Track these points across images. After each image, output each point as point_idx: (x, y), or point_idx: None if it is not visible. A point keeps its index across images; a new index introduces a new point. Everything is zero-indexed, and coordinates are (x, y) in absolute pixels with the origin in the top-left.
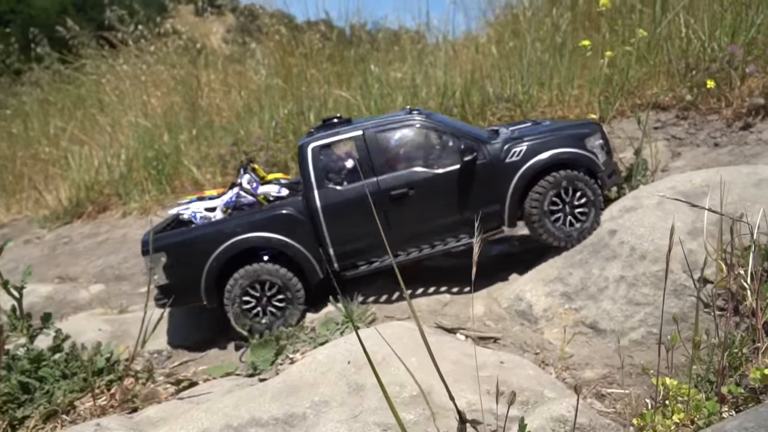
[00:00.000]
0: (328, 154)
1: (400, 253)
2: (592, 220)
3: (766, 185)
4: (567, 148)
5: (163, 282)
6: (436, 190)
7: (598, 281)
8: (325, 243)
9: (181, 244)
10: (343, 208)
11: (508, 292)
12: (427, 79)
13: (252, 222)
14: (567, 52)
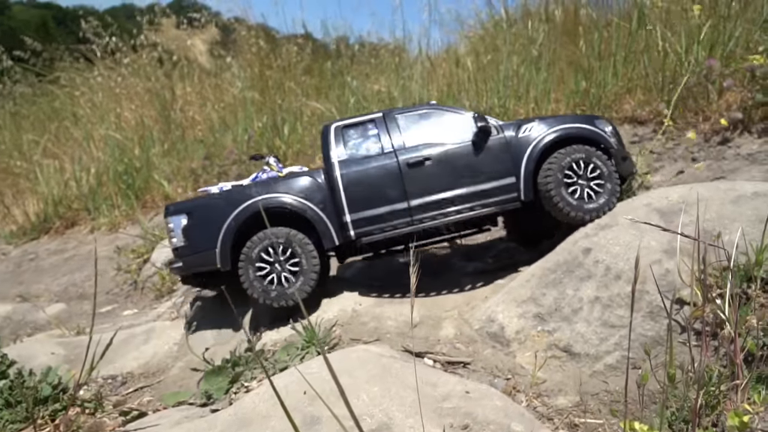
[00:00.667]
0: (348, 132)
1: (416, 221)
2: (609, 195)
3: (744, 202)
4: (577, 124)
5: (181, 244)
6: (452, 161)
7: (572, 302)
8: (342, 210)
9: (203, 205)
10: (360, 176)
11: (480, 313)
12: (405, 92)
13: (272, 185)
14: (543, 65)
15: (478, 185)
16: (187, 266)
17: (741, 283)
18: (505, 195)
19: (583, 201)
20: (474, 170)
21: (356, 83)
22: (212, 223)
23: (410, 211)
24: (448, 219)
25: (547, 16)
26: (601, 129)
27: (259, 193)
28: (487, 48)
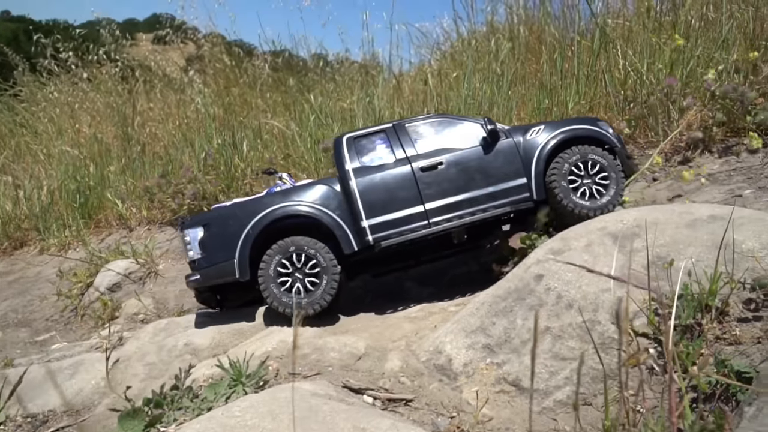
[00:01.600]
0: (360, 143)
1: (432, 224)
2: (615, 190)
3: (700, 226)
4: (582, 125)
5: (198, 256)
6: (464, 164)
7: (521, 332)
8: (359, 216)
9: (219, 216)
10: (375, 182)
11: (428, 344)
12: (368, 109)
13: (289, 193)
14: (505, 83)
15: (491, 186)
16: (205, 278)
17: (694, 313)
18: (517, 195)
19: (593, 199)
20: (486, 172)
21: (320, 100)
22: (230, 233)
23: (426, 214)
24: (464, 220)
25: (511, 33)
26: (605, 130)
27: (275, 202)
28: (454, 65)
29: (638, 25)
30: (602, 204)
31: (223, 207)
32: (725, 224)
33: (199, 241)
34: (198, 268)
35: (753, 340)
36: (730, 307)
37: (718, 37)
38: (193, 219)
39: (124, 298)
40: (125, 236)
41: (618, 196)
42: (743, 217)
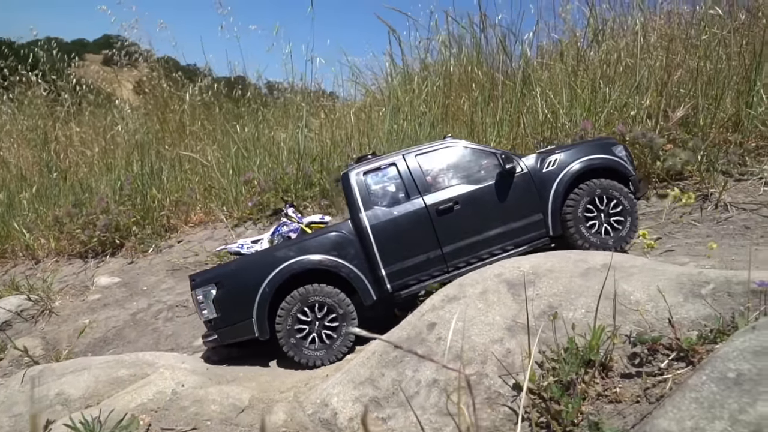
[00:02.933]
0: (370, 179)
1: (451, 268)
2: (628, 229)
3: (593, 275)
4: (598, 155)
5: (213, 316)
6: (481, 203)
7: (409, 385)
8: (376, 264)
9: (232, 273)
10: (391, 227)
11: (315, 395)
12: (294, 140)
13: (303, 245)
14: (427, 121)
15: (507, 224)
16: (223, 338)
17: (577, 368)
18: (534, 232)
19: (608, 235)
20: (503, 210)
21: (247, 130)
22: (245, 291)
23: (444, 258)
24: (483, 262)
25: (444, 72)
26: (619, 156)
27: (289, 255)
28: (381, 102)
29: (561, 70)
30: (617, 239)
31: (234, 263)
32: (617, 273)
33: (213, 300)
34: (215, 329)
35: (633, 398)
36: (614, 361)
37: (633, 83)
38: (204, 276)
39: (15, 337)
40: (31, 268)
41: (633, 230)
42: (635, 266)
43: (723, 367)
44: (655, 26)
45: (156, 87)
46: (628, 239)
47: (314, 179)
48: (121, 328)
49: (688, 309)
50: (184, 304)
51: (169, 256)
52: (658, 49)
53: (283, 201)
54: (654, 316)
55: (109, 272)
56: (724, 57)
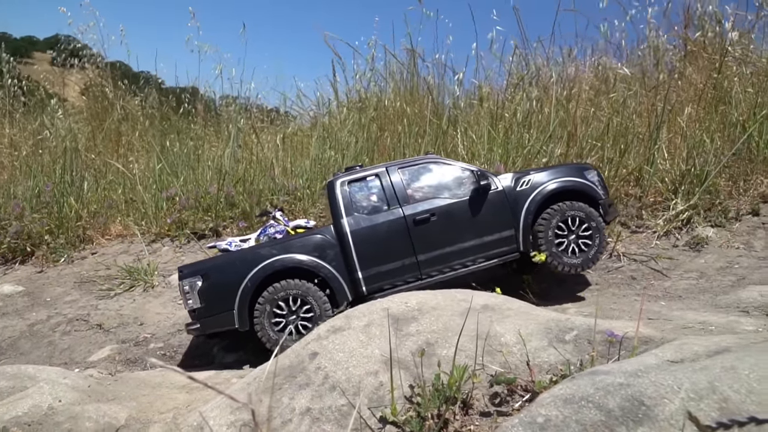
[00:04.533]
0: (354, 188)
1: (424, 275)
2: (596, 250)
3: (471, 315)
4: (570, 178)
5: (197, 306)
6: (456, 216)
7: (284, 412)
8: (353, 267)
9: (218, 267)
10: (370, 233)
11: (193, 418)
12: (219, 161)
13: (286, 245)
14: (352, 152)
15: (480, 238)
16: (205, 328)
17: (440, 404)
18: (505, 247)
19: (574, 256)
20: (476, 224)
21: (179, 145)
22: (228, 284)
23: (419, 265)
24: (455, 273)
25: (378, 104)
26: (591, 181)
27: (273, 253)
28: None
29: (485, 112)
30: (584, 260)
31: (221, 257)
32: (493, 315)
33: (198, 291)
34: (198, 318)
35: None
36: (475, 399)
37: (547, 132)
38: (192, 268)
39: None
40: None
41: (600, 250)
42: (511, 309)
43: (535, 412)
44: (582, 78)
45: (98, 92)
46: (595, 260)
47: (236, 200)
48: (16, 339)
49: (550, 353)
50: (84, 318)
51: (80, 268)
52: (572, 101)
53: (272, 206)
54: (518, 358)
55: (15, 280)
56: (633, 114)
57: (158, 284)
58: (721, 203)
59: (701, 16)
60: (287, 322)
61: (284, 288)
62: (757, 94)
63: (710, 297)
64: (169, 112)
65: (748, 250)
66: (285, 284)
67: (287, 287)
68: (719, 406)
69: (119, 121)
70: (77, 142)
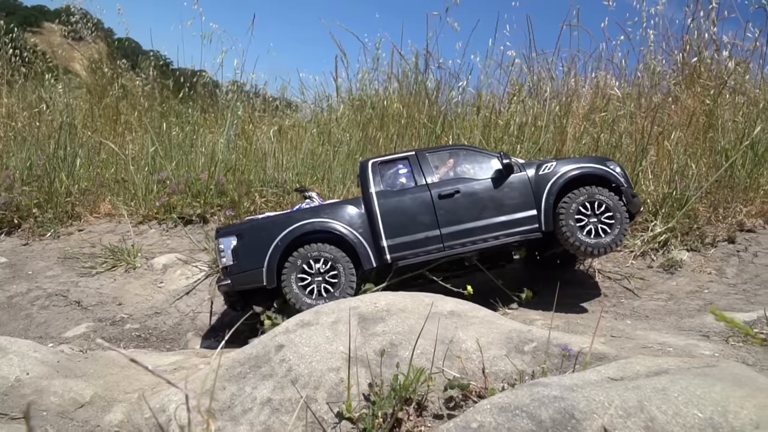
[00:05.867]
0: (385, 168)
1: (446, 248)
2: (615, 236)
3: (434, 319)
4: (592, 164)
5: (230, 263)
6: (480, 194)
7: (246, 401)
8: (379, 235)
9: (252, 228)
10: (396, 205)
11: (156, 400)
12: (211, 150)
13: (317, 210)
14: (343, 151)
15: (503, 216)
16: (236, 283)
17: (396, 404)
18: (527, 226)
19: (598, 237)
20: (499, 203)
21: (178, 129)
22: (260, 243)
23: (442, 238)
24: (477, 246)
25: (380, 104)
26: (612, 169)
27: (305, 217)
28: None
29: (480, 121)
30: (605, 242)
31: (255, 219)
32: (459, 321)
33: (232, 249)
34: (229, 274)
35: None
36: (430, 402)
37: (537, 146)
38: (229, 228)
39: None
40: None
41: (621, 236)
42: (477, 317)
43: (471, 417)
44: (581, 93)
45: (98, 68)
46: (614, 245)
47: (227, 189)
48: None
49: (508, 363)
50: (63, 293)
51: (65, 244)
52: (566, 116)
53: (306, 190)
54: (477, 365)
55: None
56: (624, 134)
57: (140, 266)
58: (699, 228)
59: (699, 43)
60: (313, 283)
61: (313, 250)
62: (746, 124)
63: (676, 319)
64: (170, 94)
65: (719, 276)
66: (314, 246)
67: (316, 249)
68: (645, 425)
69: (118, 99)
70: (74, 117)
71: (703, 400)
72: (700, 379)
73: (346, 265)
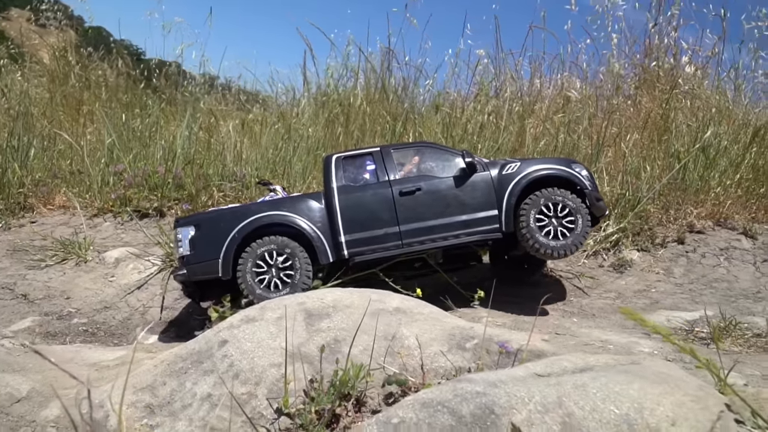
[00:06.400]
0: (349, 163)
1: (405, 245)
2: (577, 236)
3: (382, 316)
4: (556, 166)
5: (187, 253)
6: (441, 192)
7: (186, 396)
8: (337, 231)
9: (210, 218)
10: (356, 201)
11: (94, 396)
12: (170, 142)
13: (276, 203)
14: (304, 147)
15: (464, 215)
16: (191, 273)
17: (335, 400)
18: (488, 225)
19: (557, 239)
20: (461, 201)
21: (139, 121)
22: (218, 234)
23: (401, 235)
24: (436, 245)
25: (345, 101)
26: (577, 172)
27: (263, 210)
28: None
29: (441, 119)
30: (564, 245)
31: (215, 211)
32: (403, 318)
33: (190, 239)
34: (186, 264)
35: None
36: (369, 398)
37: (498, 141)
38: (188, 218)
39: None
40: None
41: (581, 240)
42: (422, 314)
43: (393, 413)
44: (546, 94)
45: (65, 56)
46: (573, 249)
47: (185, 182)
48: None
49: (448, 359)
50: (10, 286)
51: (15, 236)
52: (528, 116)
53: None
54: (417, 361)
55: None
56: (583, 135)
57: (92, 259)
58: (650, 229)
59: (660, 47)
60: (269, 276)
61: (269, 242)
62: (699, 127)
63: (621, 318)
64: (134, 85)
65: (667, 276)
66: (271, 239)
67: (272, 242)
68: (562, 420)
69: (82, 89)
70: (31, 106)
71: (621, 397)
72: (621, 375)
73: (302, 259)
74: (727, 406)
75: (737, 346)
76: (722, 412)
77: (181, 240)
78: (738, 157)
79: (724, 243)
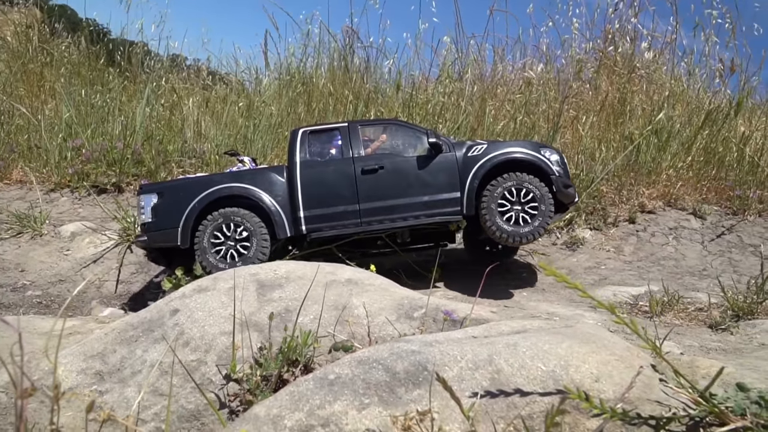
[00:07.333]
0: (315, 137)
1: (364, 224)
2: (539, 223)
3: (334, 287)
4: (523, 149)
5: (149, 220)
6: (404, 171)
7: (135, 363)
8: (297, 206)
9: (173, 187)
10: (318, 177)
11: (46, 363)
12: (131, 118)
13: (238, 175)
14: (268, 124)
15: (425, 196)
16: (151, 241)
17: (282, 366)
18: (449, 208)
19: (517, 225)
20: (423, 182)
21: (98, 97)
22: (179, 203)
23: (360, 213)
24: (395, 225)
25: (308, 80)
26: (545, 157)
27: (224, 181)
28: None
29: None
30: (524, 232)
31: (179, 180)
32: (354, 288)
33: (152, 207)
34: (147, 231)
35: None
36: (317, 364)
37: (456, 125)
38: (151, 186)
39: None
40: None
41: (542, 227)
42: (374, 285)
43: (330, 370)
44: (508, 77)
45: (27, 33)
46: (533, 236)
47: (144, 158)
48: None
49: (394, 327)
50: None
51: None
52: (489, 98)
53: (237, 153)
54: (366, 329)
55: None
56: (541, 117)
57: (47, 233)
58: (603, 209)
59: (620, 32)
60: (225, 247)
61: (228, 214)
62: (652, 111)
63: (570, 292)
64: (96, 61)
65: (617, 253)
66: (229, 210)
67: (230, 213)
68: (491, 376)
69: (43, 65)
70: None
71: (548, 355)
72: (551, 336)
73: (259, 232)
74: (653, 367)
75: (679, 320)
76: (642, 367)
77: (144, 207)
78: (690, 139)
79: (674, 223)
